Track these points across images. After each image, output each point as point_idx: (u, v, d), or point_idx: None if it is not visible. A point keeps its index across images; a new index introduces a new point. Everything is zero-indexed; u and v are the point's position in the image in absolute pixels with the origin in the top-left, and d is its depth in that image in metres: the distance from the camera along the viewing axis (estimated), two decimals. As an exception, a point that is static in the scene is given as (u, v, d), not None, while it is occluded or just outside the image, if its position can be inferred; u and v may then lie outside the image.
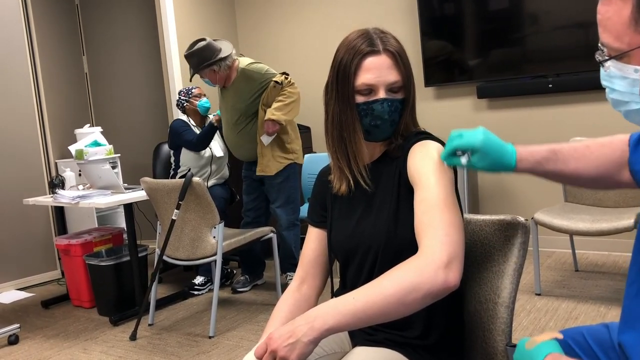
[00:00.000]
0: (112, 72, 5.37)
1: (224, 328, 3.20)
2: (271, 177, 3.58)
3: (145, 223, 4.81)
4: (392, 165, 1.33)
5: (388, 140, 1.35)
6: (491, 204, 4.33)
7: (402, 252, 1.23)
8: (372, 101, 1.28)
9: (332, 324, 1.05)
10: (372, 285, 1.08)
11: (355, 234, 1.34)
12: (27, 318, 3.66)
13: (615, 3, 0.88)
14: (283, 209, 3.60)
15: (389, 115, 1.29)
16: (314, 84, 4.66)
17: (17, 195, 4.09)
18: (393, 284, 1.05)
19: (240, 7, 5.27)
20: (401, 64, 1.29)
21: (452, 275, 1.05)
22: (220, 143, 3.98)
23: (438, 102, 4.43)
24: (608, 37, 0.90)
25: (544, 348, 1.03)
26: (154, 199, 3.25)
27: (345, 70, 1.29)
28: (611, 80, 0.93)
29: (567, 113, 3.95)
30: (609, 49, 0.91)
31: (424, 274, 1.04)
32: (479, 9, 4.09)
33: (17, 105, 4.34)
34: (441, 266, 1.05)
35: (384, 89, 1.28)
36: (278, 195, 3.60)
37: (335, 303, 1.07)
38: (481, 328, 1.31)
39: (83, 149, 3.83)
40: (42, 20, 4.82)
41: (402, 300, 1.04)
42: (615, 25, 0.88)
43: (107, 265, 3.49)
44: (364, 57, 1.28)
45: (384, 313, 1.05)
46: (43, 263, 4.49)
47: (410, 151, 1.29)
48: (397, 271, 1.07)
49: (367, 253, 1.32)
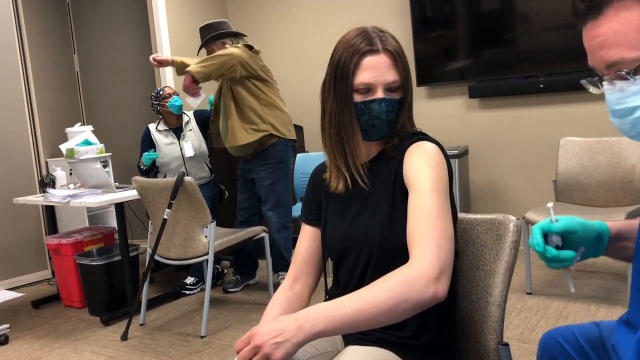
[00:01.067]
0: (103, 71, 5.34)
1: (216, 328, 3.19)
2: (261, 179, 3.55)
3: (137, 222, 4.79)
4: (388, 165, 1.33)
5: (384, 140, 1.35)
6: (483, 203, 4.35)
7: (395, 252, 1.23)
8: (369, 101, 1.28)
9: (322, 327, 1.05)
10: (363, 292, 1.08)
11: (349, 233, 1.34)
12: (17, 318, 3.64)
13: (620, 16, 0.86)
14: (274, 211, 3.56)
15: (386, 115, 1.29)
16: (305, 83, 4.66)
17: (7, 195, 4.06)
18: (384, 294, 1.06)
19: (232, 5, 5.26)
20: (400, 63, 1.29)
21: (441, 287, 1.08)
22: (195, 142, 3.92)
23: (430, 102, 4.44)
24: (620, 51, 0.86)
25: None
26: (145, 198, 3.24)
27: (344, 69, 1.29)
28: (631, 99, 0.88)
29: (558, 113, 3.97)
30: (623, 64, 0.87)
31: (415, 286, 1.06)
32: (470, 9, 4.11)
33: (7, 103, 4.31)
34: (432, 279, 1.07)
35: (382, 89, 1.28)
36: (268, 196, 3.56)
37: (326, 307, 1.07)
38: (473, 327, 1.32)
39: (74, 147, 3.81)
40: (33, 19, 4.79)
41: (392, 310, 1.06)
42: (628, 35, 0.86)
43: (98, 264, 3.47)
44: (363, 56, 1.28)
45: (374, 321, 1.06)
46: (33, 263, 4.46)
47: (406, 152, 1.29)
48: (389, 281, 1.08)
49: (361, 252, 1.32)
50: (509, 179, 4.22)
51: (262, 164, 3.53)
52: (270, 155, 3.52)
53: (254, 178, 3.60)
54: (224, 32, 3.55)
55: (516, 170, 4.12)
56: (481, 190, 4.36)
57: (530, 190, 4.13)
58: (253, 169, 3.58)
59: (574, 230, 1.08)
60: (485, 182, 4.32)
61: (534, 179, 4.09)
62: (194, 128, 3.96)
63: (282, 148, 3.54)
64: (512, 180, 4.20)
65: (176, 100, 3.87)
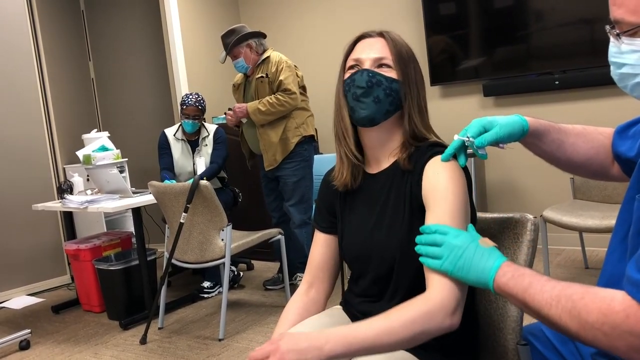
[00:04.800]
0: (118, 77, 5.39)
1: (234, 330, 3.20)
2: (287, 176, 3.59)
3: (154, 227, 4.83)
4: (403, 178, 1.30)
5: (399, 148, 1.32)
6: (499, 201, 4.32)
7: (419, 268, 1.21)
8: (354, 72, 1.31)
9: (340, 351, 1.08)
10: (382, 322, 1.11)
11: (366, 245, 1.33)
12: (37, 323, 3.68)
13: None
14: (296, 207, 3.61)
15: (367, 85, 1.27)
16: (318, 86, 4.66)
17: (26, 201, 4.11)
18: (403, 327, 1.09)
19: (245, 11, 5.29)
20: (392, 46, 1.30)
21: (457, 319, 1.12)
22: (208, 160, 3.87)
23: (444, 101, 4.42)
24: (623, 12, 0.93)
25: (498, 254, 1.09)
26: (161, 203, 3.26)
27: (344, 56, 1.35)
28: (622, 56, 0.97)
29: (574, 109, 3.93)
30: (623, 24, 0.94)
31: (433, 320, 1.10)
32: (483, 7, 4.08)
33: (25, 111, 4.36)
34: (449, 312, 1.11)
35: (370, 64, 1.30)
36: (293, 193, 3.61)
37: (346, 333, 1.10)
38: (491, 327, 1.31)
39: (91, 154, 3.85)
40: (49, 27, 4.84)
41: (409, 341, 1.11)
42: (632, 0, 0.92)
43: (116, 269, 3.50)
44: (359, 40, 1.35)
45: (390, 349, 1.12)
46: (53, 268, 4.51)
47: (425, 168, 1.25)
48: (408, 312, 1.11)
49: (380, 265, 1.31)
50: (525, 177, 4.18)
51: (289, 162, 3.58)
52: (297, 154, 3.59)
53: (278, 176, 3.63)
54: (247, 33, 3.58)
55: (533, 168, 4.08)
56: (497, 188, 4.32)
57: (547, 188, 4.08)
58: (278, 167, 3.62)
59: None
60: (502, 180, 4.29)
61: (550, 177, 4.04)
62: (210, 144, 3.90)
63: (307, 147, 3.65)
64: (529, 178, 4.16)
65: (187, 125, 3.82)
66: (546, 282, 0.99)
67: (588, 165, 1.25)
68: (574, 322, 0.92)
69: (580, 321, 0.91)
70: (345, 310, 1.45)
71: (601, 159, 1.24)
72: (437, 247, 1.12)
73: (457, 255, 1.09)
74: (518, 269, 1.05)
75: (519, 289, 1.02)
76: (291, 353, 1.06)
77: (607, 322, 0.88)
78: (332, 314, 1.43)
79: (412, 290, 1.21)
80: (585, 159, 1.24)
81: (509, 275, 1.04)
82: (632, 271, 0.89)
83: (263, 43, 3.62)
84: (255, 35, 3.60)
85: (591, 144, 1.23)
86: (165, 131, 3.96)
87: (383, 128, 1.32)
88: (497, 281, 1.05)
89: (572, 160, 1.25)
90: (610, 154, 1.23)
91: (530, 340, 1.25)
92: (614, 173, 1.24)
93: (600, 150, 1.23)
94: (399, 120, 1.32)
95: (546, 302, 0.96)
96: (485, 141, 1.14)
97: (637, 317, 0.85)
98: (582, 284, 0.95)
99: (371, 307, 1.33)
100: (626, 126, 1.20)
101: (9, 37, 4.28)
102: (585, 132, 1.25)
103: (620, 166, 1.21)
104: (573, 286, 0.95)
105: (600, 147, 1.23)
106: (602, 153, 1.23)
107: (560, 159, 1.25)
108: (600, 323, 0.88)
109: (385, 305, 1.26)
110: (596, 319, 0.89)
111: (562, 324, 0.94)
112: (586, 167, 1.26)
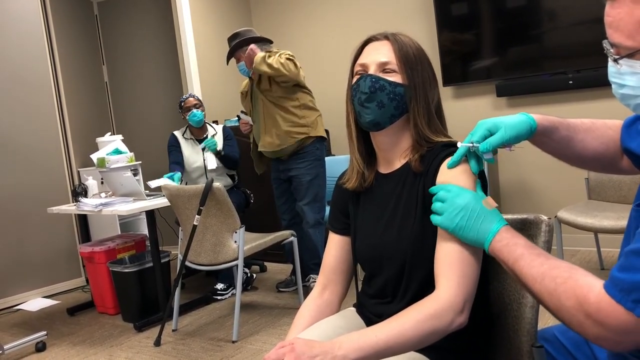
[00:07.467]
0: (131, 81, 5.44)
1: (247, 332, 3.21)
2: (300, 176, 3.59)
3: (167, 229, 4.85)
4: (415, 179, 1.30)
5: (409, 149, 1.32)
6: (513, 202, 4.29)
7: (430, 269, 1.22)
8: (359, 77, 1.31)
9: (353, 357, 1.09)
10: (393, 326, 1.12)
11: (378, 245, 1.34)
12: (53, 325, 3.71)
13: (627, 5, 0.93)
14: (310, 206, 3.61)
15: (370, 91, 1.28)
16: (329, 88, 4.66)
17: (42, 204, 4.15)
18: (414, 328, 1.11)
19: (257, 14, 5.30)
20: (398, 50, 1.30)
21: (464, 318, 1.14)
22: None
23: (456, 102, 4.40)
24: (620, 37, 0.96)
25: (498, 218, 1.13)
26: (175, 205, 3.28)
27: (352, 61, 1.35)
28: (622, 77, 0.99)
29: (588, 109, 3.89)
30: (621, 48, 0.97)
31: (442, 320, 1.12)
32: (495, 7, 4.06)
33: (39, 115, 4.41)
34: (457, 311, 1.13)
35: (374, 68, 1.30)
36: (307, 192, 3.61)
37: (358, 338, 1.12)
38: (506, 329, 1.30)
39: (105, 157, 3.87)
40: (63, 32, 4.89)
41: (420, 342, 1.13)
42: (627, 26, 0.94)
43: (130, 271, 3.52)
44: (366, 44, 1.35)
45: (402, 351, 1.14)
46: (68, 271, 4.55)
47: (439, 171, 1.25)
48: (418, 314, 1.12)
49: (392, 265, 1.31)
50: (539, 177, 4.15)
51: (301, 162, 3.59)
52: (310, 153, 3.60)
53: (291, 176, 3.64)
54: (251, 37, 3.59)
55: (547, 169, 4.05)
56: (511, 189, 4.29)
57: (561, 188, 4.05)
58: (291, 167, 3.62)
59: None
60: (515, 181, 4.26)
61: (565, 177, 4.01)
62: (220, 141, 4.00)
63: (319, 146, 3.65)
64: (543, 179, 4.13)
65: (195, 115, 3.92)
66: (536, 256, 1.04)
67: (598, 160, 1.25)
68: (553, 302, 0.99)
69: (558, 304, 0.98)
70: (359, 312, 1.45)
71: (611, 154, 1.24)
72: (441, 203, 1.15)
73: (457, 214, 1.12)
74: (514, 236, 1.10)
75: (510, 257, 1.07)
76: (305, 356, 1.06)
77: (581, 309, 0.95)
78: (345, 316, 1.43)
79: (424, 290, 1.22)
80: (594, 154, 1.24)
81: (504, 242, 1.09)
82: (614, 269, 0.95)
83: (269, 49, 3.57)
84: (260, 40, 3.58)
85: (600, 139, 1.23)
86: (175, 132, 4.10)
87: (391, 131, 1.32)
88: (493, 245, 1.10)
89: (581, 156, 1.25)
90: (620, 148, 1.23)
91: (543, 345, 1.24)
92: (623, 166, 1.24)
93: (610, 145, 1.23)
94: (407, 123, 1.32)
95: (532, 277, 1.03)
96: (490, 146, 1.14)
97: (607, 312, 0.92)
98: (570, 264, 1.02)
99: (385, 308, 1.33)
100: (635, 119, 1.19)
101: (24, 42, 4.33)
102: (594, 127, 1.25)
103: (632, 160, 1.21)
104: (560, 267, 1.01)
105: (610, 141, 1.23)
106: (612, 148, 1.23)
107: (569, 156, 1.26)
108: (575, 309, 0.96)
109: (398, 306, 1.26)
110: (572, 305, 0.96)
111: (543, 301, 1.03)
112: (596, 162, 1.26)
